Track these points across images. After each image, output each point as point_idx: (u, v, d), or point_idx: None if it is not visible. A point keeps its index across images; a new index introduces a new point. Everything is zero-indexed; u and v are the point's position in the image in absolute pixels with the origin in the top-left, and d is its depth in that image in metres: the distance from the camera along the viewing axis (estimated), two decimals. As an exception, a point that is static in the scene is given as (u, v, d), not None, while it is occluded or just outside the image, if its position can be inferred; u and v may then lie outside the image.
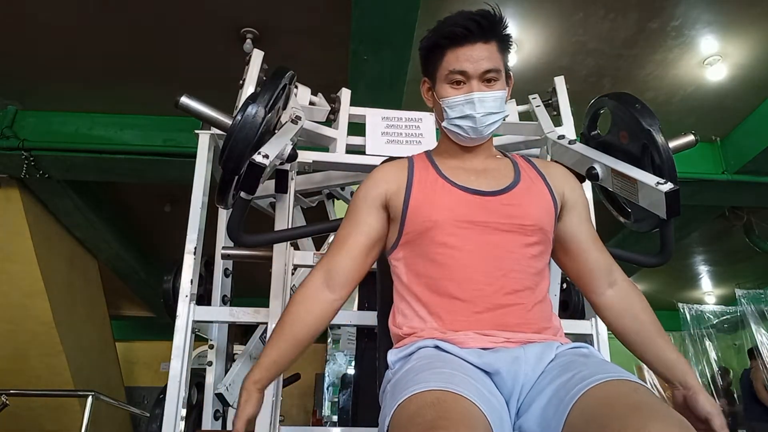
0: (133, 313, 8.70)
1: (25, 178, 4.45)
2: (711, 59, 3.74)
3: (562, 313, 1.87)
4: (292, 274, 1.71)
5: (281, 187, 1.62)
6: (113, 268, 6.44)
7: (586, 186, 1.73)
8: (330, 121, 2.00)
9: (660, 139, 1.42)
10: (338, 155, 1.86)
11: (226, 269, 1.97)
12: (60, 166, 4.33)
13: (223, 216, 1.86)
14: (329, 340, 5.30)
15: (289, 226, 1.66)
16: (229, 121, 1.43)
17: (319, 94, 2.04)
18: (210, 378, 1.86)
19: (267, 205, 2.18)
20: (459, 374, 0.90)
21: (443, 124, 1.17)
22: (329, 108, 2.01)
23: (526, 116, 2.03)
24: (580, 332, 1.70)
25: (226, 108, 1.53)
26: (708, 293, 8.69)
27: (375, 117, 1.98)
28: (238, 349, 2.13)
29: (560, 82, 2.02)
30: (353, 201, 1.20)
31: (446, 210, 1.10)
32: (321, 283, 1.13)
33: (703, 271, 7.84)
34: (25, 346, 5.21)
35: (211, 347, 1.90)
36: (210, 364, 1.89)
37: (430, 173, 1.17)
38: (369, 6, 2.91)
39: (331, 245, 1.18)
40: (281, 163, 1.53)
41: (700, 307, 7.33)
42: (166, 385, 1.50)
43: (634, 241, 5.38)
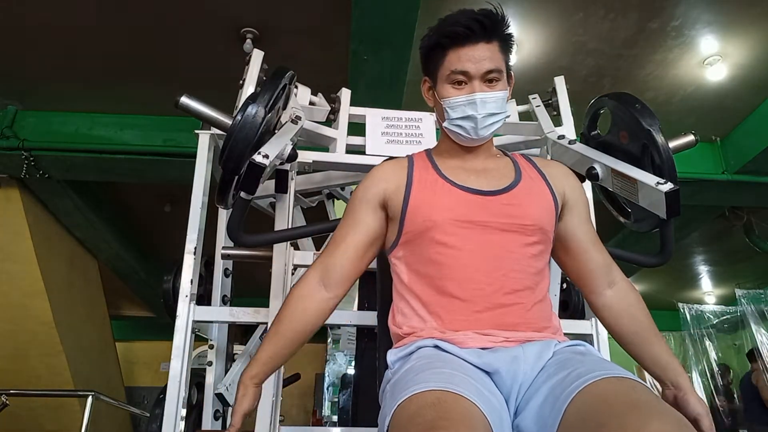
0: (133, 313, 8.70)
1: (25, 178, 4.45)
2: (711, 59, 3.73)
3: (562, 313, 1.87)
4: (292, 274, 1.71)
5: (281, 187, 1.62)
6: (113, 268, 6.44)
7: (586, 186, 1.73)
8: (330, 121, 2.00)
9: (660, 139, 1.42)
10: (338, 155, 1.86)
11: (226, 269, 1.97)
12: (60, 166, 4.33)
13: (223, 216, 1.86)
14: (329, 340, 5.30)
15: (289, 226, 1.66)
16: (229, 121, 1.43)
17: (319, 94, 2.04)
18: (210, 378, 1.86)
19: (267, 205, 2.18)
20: (459, 374, 0.90)
21: (444, 124, 1.16)
22: (329, 108, 2.01)
23: (526, 116, 2.03)
24: (580, 332, 1.70)
25: (226, 108, 1.53)
26: (708, 293, 8.68)
27: (375, 117, 1.98)
28: (238, 349, 2.13)
29: (560, 82, 2.02)
30: (351, 200, 1.19)
31: (446, 210, 1.09)
32: (317, 281, 1.13)
33: (703, 271, 7.83)
34: (25, 346, 5.21)
35: (211, 347, 1.90)
36: (210, 364, 1.89)
37: (430, 173, 1.16)
38: (369, 6, 2.91)
39: (329, 244, 1.18)
40: (281, 163, 1.53)
41: (700, 307, 7.32)
42: (166, 385, 1.50)
43: (634, 241, 5.38)
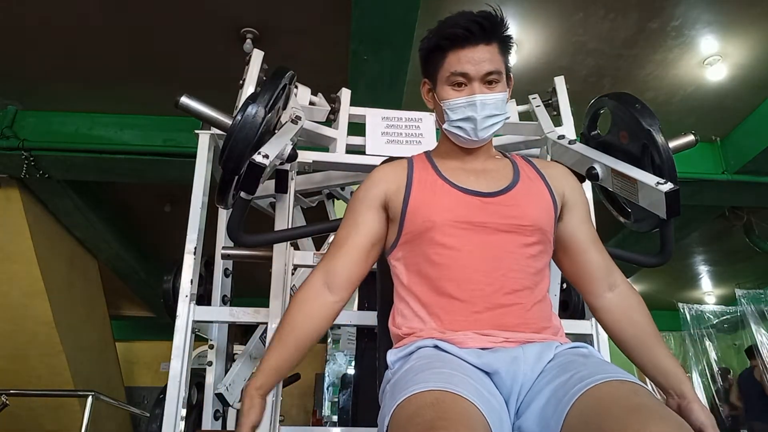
0: (133, 313, 8.70)
1: (25, 178, 4.45)
2: (711, 59, 3.74)
3: (562, 313, 1.87)
4: (292, 274, 1.71)
5: (281, 187, 1.62)
6: (113, 268, 6.44)
7: (586, 186, 1.72)
8: (330, 121, 2.00)
9: (660, 139, 1.42)
10: (338, 155, 1.86)
11: (226, 269, 1.96)
12: (60, 166, 4.33)
13: (223, 216, 1.86)
14: (329, 340, 5.29)
15: (289, 226, 1.66)
16: (229, 121, 1.43)
17: (319, 94, 2.04)
18: (210, 378, 1.86)
19: (267, 205, 2.18)
20: (458, 374, 0.90)
21: (444, 126, 1.16)
22: (329, 108, 2.01)
23: (526, 116, 2.03)
24: (580, 332, 1.70)
25: (226, 108, 1.53)
26: (708, 293, 8.68)
27: (375, 117, 1.98)
28: (238, 349, 2.13)
29: (560, 82, 2.02)
30: (352, 201, 1.19)
31: (445, 211, 1.09)
32: (321, 284, 1.11)
33: (703, 271, 7.84)
34: (25, 346, 5.21)
35: (211, 347, 1.90)
36: (210, 364, 1.89)
37: (429, 174, 1.16)
38: (369, 6, 2.91)
39: (331, 246, 1.17)
40: (281, 163, 1.53)
41: (700, 307, 7.34)
42: (166, 385, 1.50)
43: (634, 241, 5.38)
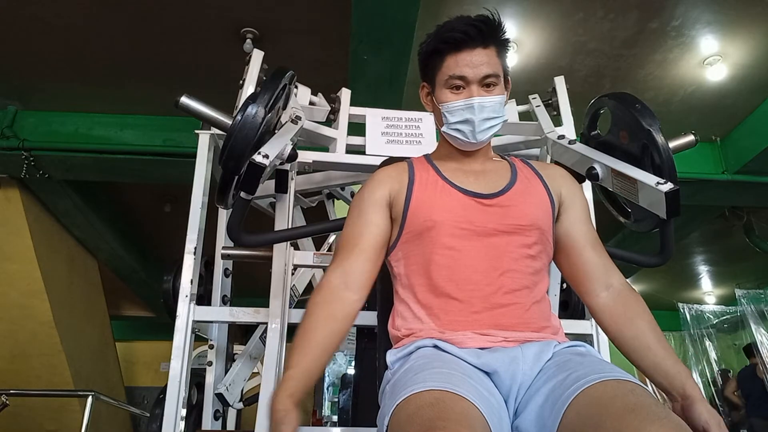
0: (133, 313, 8.70)
1: (25, 178, 4.44)
2: (711, 59, 3.73)
3: (562, 312, 1.86)
4: (292, 274, 1.71)
5: (281, 187, 1.61)
6: (113, 268, 6.43)
7: (586, 186, 1.73)
8: (330, 121, 1.99)
9: (660, 139, 1.42)
10: (338, 155, 1.86)
11: (226, 269, 1.96)
12: (60, 166, 4.32)
13: (223, 216, 1.86)
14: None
15: (289, 226, 1.66)
16: (229, 121, 1.43)
17: (319, 94, 2.04)
18: (210, 378, 1.86)
19: (267, 205, 2.18)
20: (457, 374, 0.90)
21: (443, 128, 1.17)
22: (329, 108, 2.01)
23: (526, 116, 2.03)
24: (580, 332, 1.70)
25: (226, 108, 1.53)
26: (708, 293, 8.68)
27: (375, 117, 1.98)
28: (238, 349, 2.13)
29: (560, 82, 2.02)
30: (358, 202, 1.18)
31: (446, 211, 1.10)
32: (340, 284, 1.08)
33: (703, 271, 7.83)
34: (25, 346, 5.20)
35: (211, 347, 1.90)
36: (210, 364, 1.88)
37: (430, 175, 1.17)
38: (369, 6, 2.91)
39: (342, 246, 1.14)
40: (281, 163, 1.53)
41: (700, 307, 7.34)
42: (166, 385, 1.50)
43: (634, 241, 5.38)
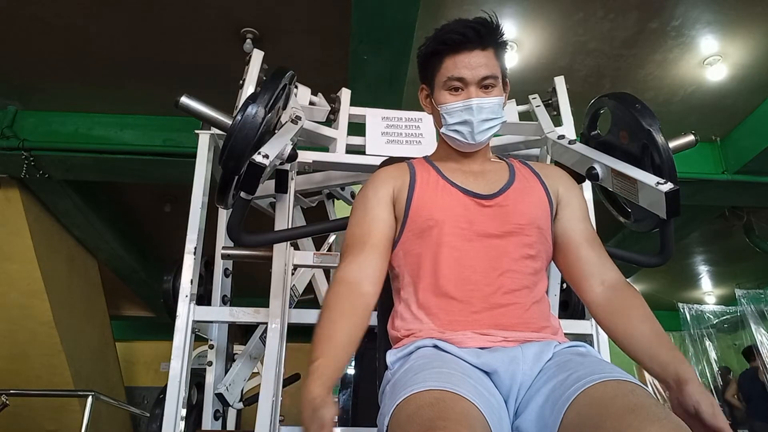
0: (133, 313, 8.69)
1: (25, 178, 4.44)
2: (711, 59, 3.73)
3: (562, 312, 1.86)
4: (292, 274, 1.71)
5: (281, 187, 1.61)
6: (113, 268, 6.43)
7: (586, 186, 1.73)
8: (330, 121, 1.99)
9: (660, 139, 1.42)
10: (338, 155, 1.86)
11: (226, 269, 1.96)
12: (60, 166, 4.32)
13: (223, 216, 1.86)
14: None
15: (289, 226, 1.66)
16: (229, 121, 1.43)
17: (319, 94, 2.04)
18: (210, 378, 1.86)
19: (267, 205, 2.18)
20: (457, 374, 0.90)
21: (442, 130, 1.18)
22: (329, 108, 2.01)
23: (526, 116, 2.03)
24: (579, 332, 1.70)
25: (226, 108, 1.53)
26: (708, 293, 8.68)
27: (375, 117, 1.98)
28: (238, 349, 2.13)
29: (560, 82, 2.02)
30: (363, 200, 1.18)
31: (447, 210, 1.11)
32: (357, 277, 1.06)
33: (703, 271, 7.83)
34: (25, 346, 5.20)
35: (211, 347, 1.90)
36: (210, 364, 1.88)
37: (431, 174, 1.18)
38: (369, 6, 2.91)
39: (352, 243, 1.12)
40: (281, 163, 1.53)
41: (700, 307, 7.34)
42: (166, 385, 1.50)
43: (634, 241, 5.37)
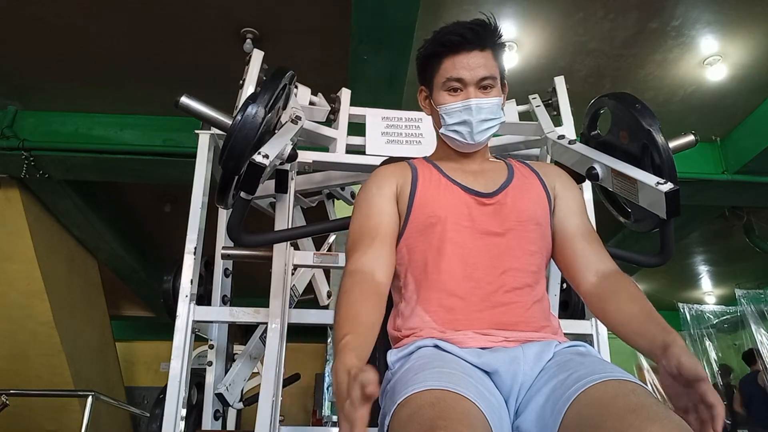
0: (133, 313, 8.70)
1: (25, 178, 4.44)
2: (711, 59, 3.73)
3: (562, 312, 1.86)
4: (292, 274, 1.71)
5: (281, 187, 1.61)
6: (113, 268, 6.43)
7: (586, 186, 1.73)
8: (330, 121, 1.99)
9: (660, 139, 1.42)
10: (338, 155, 1.86)
11: (226, 269, 1.96)
12: (60, 166, 4.32)
13: (223, 216, 1.86)
14: (329, 340, 5.30)
15: (289, 226, 1.66)
16: (229, 121, 1.43)
17: (319, 94, 2.04)
18: (210, 378, 1.86)
19: (267, 205, 2.18)
20: (458, 374, 0.90)
21: (441, 130, 1.19)
22: (329, 108, 2.01)
23: (526, 116, 2.03)
24: (580, 332, 1.69)
25: (226, 108, 1.53)
26: (708, 293, 8.68)
27: (375, 117, 1.98)
28: (238, 349, 2.13)
29: (560, 82, 2.02)
30: (367, 196, 1.17)
31: (449, 207, 1.12)
32: (371, 268, 1.05)
33: (703, 271, 7.83)
34: (25, 346, 5.21)
35: (211, 347, 1.90)
36: (210, 364, 1.88)
37: (433, 173, 1.19)
38: (369, 6, 2.91)
39: (360, 238, 1.11)
40: (281, 163, 1.53)
41: (700, 307, 7.33)
42: (166, 385, 1.50)
43: (634, 241, 5.37)
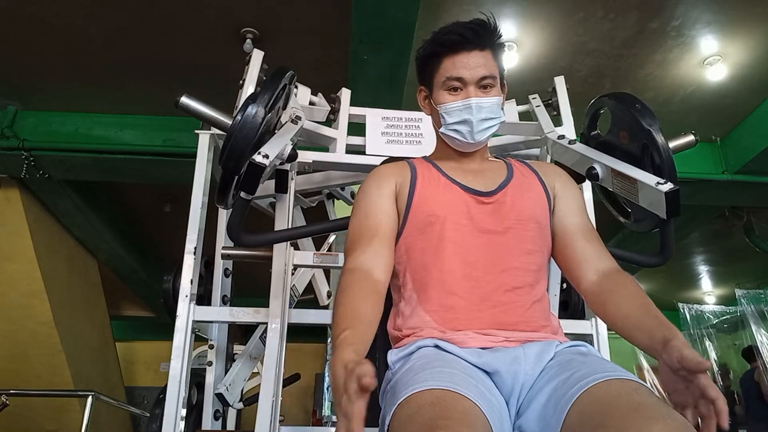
0: (133, 313, 8.69)
1: (25, 178, 4.44)
2: (711, 59, 3.73)
3: (562, 312, 1.86)
4: (292, 274, 1.71)
5: (281, 187, 1.61)
6: (113, 268, 6.43)
7: (586, 186, 1.73)
8: (330, 121, 2.00)
9: (660, 139, 1.42)
10: (338, 155, 1.86)
11: (226, 269, 1.96)
12: (60, 166, 4.32)
13: (223, 216, 1.86)
14: (329, 339, 5.29)
15: (289, 226, 1.66)
16: (229, 121, 1.43)
17: (319, 94, 2.04)
18: (210, 378, 1.86)
19: (267, 205, 2.18)
20: (459, 374, 0.90)
21: (441, 130, 1.19)
22: (329, 108, 2.01)
23: (526, 116, 2.03)
24: (580, 332, 1.69)
25: (226, 108, 1.54)
26: (708, 293, 8.68)
27: (375, 117, 1.98)
28: (238, 349, 2.13)
29: (560, 82, 2.02)
30: (366, 195, 1.17)
31: (448, 206, 1.12)
32: (370, 266, 1.05)
33: (703, 271, 7.83)
34: (25, 346, 5.20)
35: (211, 347, 1.90)
36: (210, 364, 1.88)
37: (432, 172, 1.19)
38: (369, 6, 2.91)
39: (360, 237, 1.11)
40: (281, 163, 1.53)
41: (700, 307, 7.32)
42: (166, 385, 1.50)
43: (634, 241, 5.37)
